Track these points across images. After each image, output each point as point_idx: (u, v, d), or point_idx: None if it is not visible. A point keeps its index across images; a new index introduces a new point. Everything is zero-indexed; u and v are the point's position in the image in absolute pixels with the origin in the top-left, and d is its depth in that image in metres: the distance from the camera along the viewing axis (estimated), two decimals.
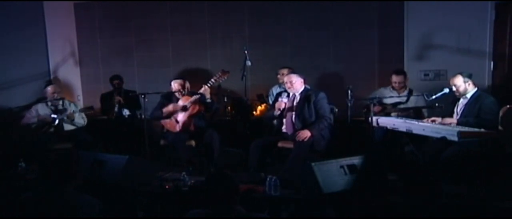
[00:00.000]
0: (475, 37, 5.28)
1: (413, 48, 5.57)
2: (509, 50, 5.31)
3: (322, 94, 4.73)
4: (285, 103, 4.77)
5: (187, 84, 5.21)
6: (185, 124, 5.06)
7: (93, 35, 7.09)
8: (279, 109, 4.79)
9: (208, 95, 5.00)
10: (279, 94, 4.94)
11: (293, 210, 3.69)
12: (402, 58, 5.65)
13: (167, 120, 5.12)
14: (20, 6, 6.21)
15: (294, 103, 4.78)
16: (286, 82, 4.83)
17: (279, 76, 5.64)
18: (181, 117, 5.07)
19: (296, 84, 4.78)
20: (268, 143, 4.80)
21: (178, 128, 5.07)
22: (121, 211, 3.78)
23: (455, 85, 4.40)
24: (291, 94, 4.82)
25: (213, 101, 5.15)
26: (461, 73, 4.40)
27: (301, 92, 4.81)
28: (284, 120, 4.84)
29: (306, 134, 4.54)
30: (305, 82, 4.87)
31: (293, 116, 4.76)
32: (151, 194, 4.03)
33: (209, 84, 4.96)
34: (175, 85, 5.16)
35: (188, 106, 5.03)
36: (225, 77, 5.03)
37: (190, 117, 5.07)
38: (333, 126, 4.82)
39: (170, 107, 5.09)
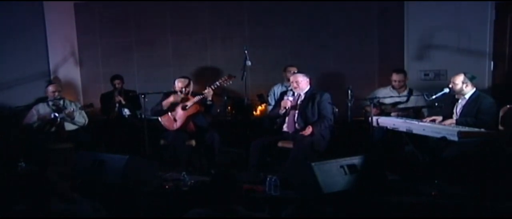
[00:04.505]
0: (475, 37, 5.28)
1: (413, 48, 5.57)
2: (509, 50, 5.31)
3: (326, 96, 4.74)
4: (291, 101, 4.78)
5: (191, 84, 5.20)
6: (184, 123, 5.06)
7: (93, 35, 7.09)
8: (285, 107, 4.80)
9: (210, 98, 4.99)
10: (284, 93, 4.95)
11: (293, 210, 3.69)
12: (402, 58, 5.65)
13: (165, 118, 5.12)
14: (20, 6, 6.21)
15: (298, 103, 4.80)
16: (292, 82, 4.84)
17: (287, 74, 5.54)
18: (179, 115, 5.07)
19: (302, 84, 4.81)
20: (268, 143, 4.80)
21: (175, 126, 5.07)
22: (121, 211, 3.78)
23: (453, 83, 4.42)
24: (296, 93, 4.83)
25: (214, 104, 5.15)
26: (464, 73, 4.40)
27: (307, 92, 4.82)
28: (287, 118, 4.85)
29: (309, 130, 4.56)
30: (310, 83, 4.88)
31: (296, 115, 4.78)
32: (151, 194, 4.03)
33: (213, 87, 4.95)
34: (178, 84, 5.16)
35: (188, 106, 5.03)
36: (231, 81, 5.03)
37: (189, 117, 5.07)
38: (333, 126, 4.83)
39: (170, 98, 5.09)
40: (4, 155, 5.15)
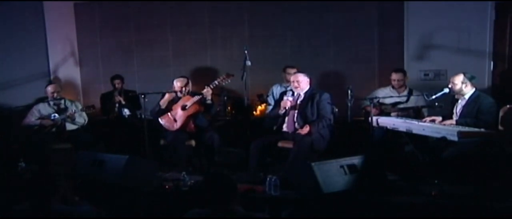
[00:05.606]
0: (475, 37, 5.28)
1: (413, 48, 5.57)
2: (509, 50, 5.31)
3: (326, 95, 4.74)
4: (290, 101, 4.78)
5: (190, 84, 5.21)
6: (184, 123, 5.06)
7: (93, 35, 7.08)
8: (285, 107, 4.81)
9: (209, 97, 5.00)
10: (284, 93, 4.95)
11: (293, 210, 3.69)
12: (402, 58, 5.66)
13: (165, 119, 5.12)
14: (20, 6, 6.21)
15: (298, 102, 4.80)
16: (293, 82, 4.84)
17: (287, 75, 5.57)
18: (179, 115, 5.08)
19: (303, 83, 4.81)
20: (268, 143, 4.80)
21: (175, 126, 5.07)
22: (121, 211, 3.78)
23: (452, 83, 4.42)
24: (296, 93, 4.83)
25: (214, 103, 5.15)
26: (464, 73, 4.40)
27: (306, 92, 4.83)
28: (286, 118, 4.85)
29: (306, 128, 4.57)
30: (310, 83, 4.88)
31: (296, 115, 4.78)
32: (151, 194, 4.03)
33: (212, 86, 4.95)
34: (177, 84, 5.16)
35: (188, 106, 5.03)
36: (229, 80, 5.04)
37: (188, 117, 5.07)
38: (333, 126, 4.83)
39: (166, 96, 5.09)
40: (4, 155, 5.15)
